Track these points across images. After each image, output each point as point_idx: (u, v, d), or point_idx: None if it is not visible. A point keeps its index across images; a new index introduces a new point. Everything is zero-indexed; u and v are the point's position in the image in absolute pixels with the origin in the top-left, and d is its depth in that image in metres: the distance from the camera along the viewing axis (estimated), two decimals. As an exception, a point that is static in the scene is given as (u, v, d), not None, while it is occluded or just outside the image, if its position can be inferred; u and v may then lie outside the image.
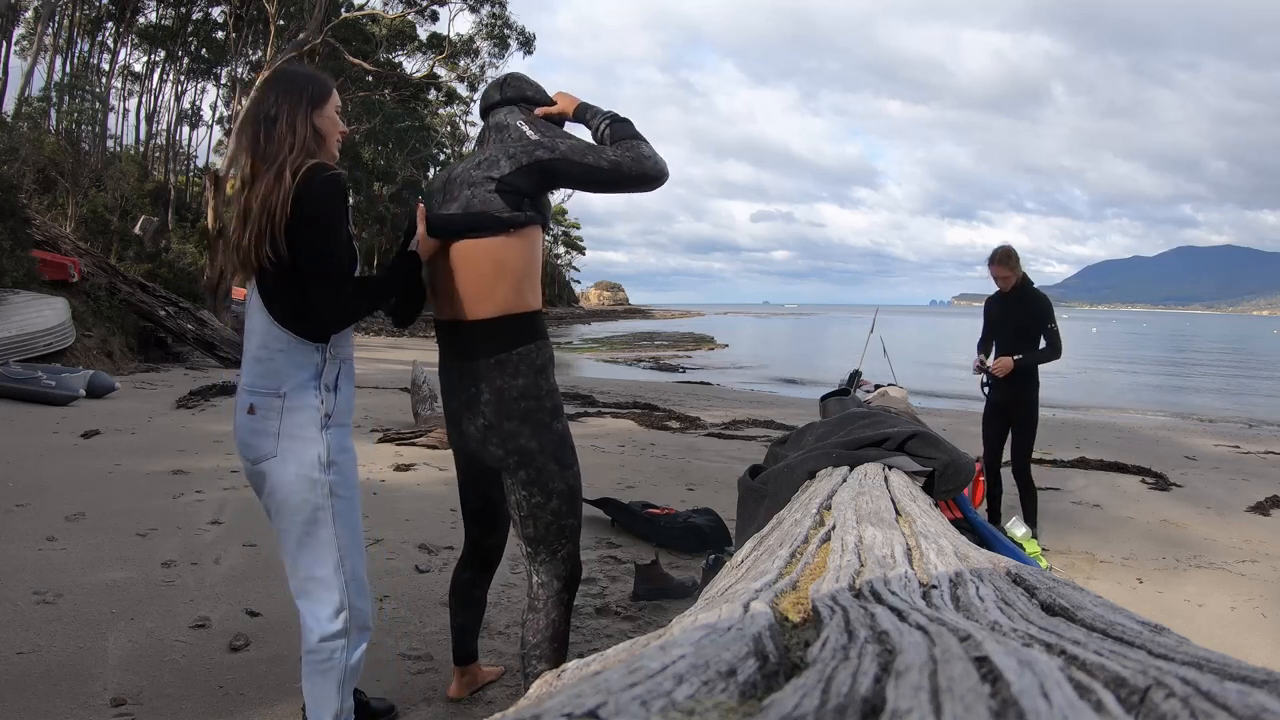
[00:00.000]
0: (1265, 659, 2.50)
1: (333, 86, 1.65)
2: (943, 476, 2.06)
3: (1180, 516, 4.42)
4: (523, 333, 1.66)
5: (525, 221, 1.64)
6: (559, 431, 1.72)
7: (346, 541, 1.59)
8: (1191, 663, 0.42)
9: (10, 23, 20.22)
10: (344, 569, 1.58)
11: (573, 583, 1.78)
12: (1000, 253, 3.84)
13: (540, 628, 1.73)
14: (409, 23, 26.14)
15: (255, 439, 1.54)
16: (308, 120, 1.55)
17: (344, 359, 1.60)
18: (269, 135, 1.52)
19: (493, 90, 1.83)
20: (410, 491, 4.20)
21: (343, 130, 1.65)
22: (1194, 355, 32.04)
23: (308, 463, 1.53)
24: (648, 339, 31.02)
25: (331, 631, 1.58)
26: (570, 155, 1.67)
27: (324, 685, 1.59)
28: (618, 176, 1.66)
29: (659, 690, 0.35)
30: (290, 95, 1.55)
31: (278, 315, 1.53)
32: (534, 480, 1.69)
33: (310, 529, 1.56)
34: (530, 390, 1.67)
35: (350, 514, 1.60)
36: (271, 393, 1.52)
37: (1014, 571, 0.82)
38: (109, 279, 10.85)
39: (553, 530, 1.73)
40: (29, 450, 4.56)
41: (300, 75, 1.63)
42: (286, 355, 1.53)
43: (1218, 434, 8.94)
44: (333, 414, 1.56)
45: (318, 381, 1.54)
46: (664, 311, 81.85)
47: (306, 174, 1.49)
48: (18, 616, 2.33)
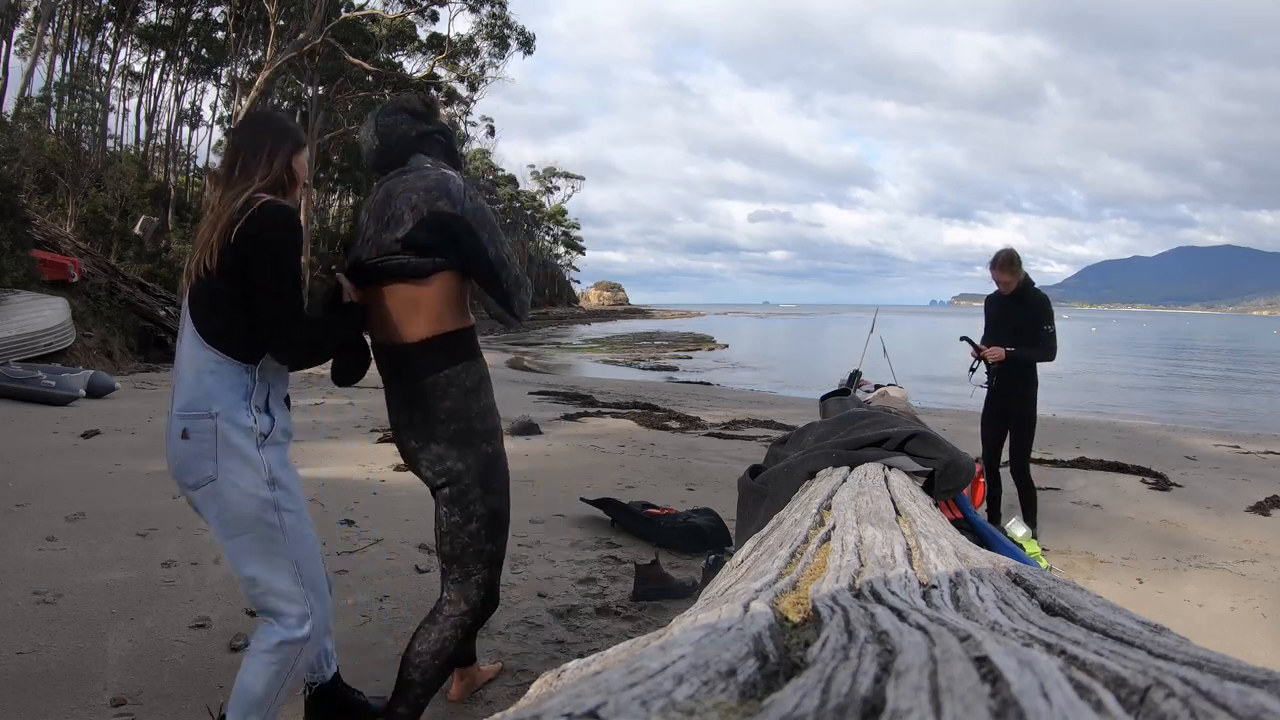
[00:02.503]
0: (1265, 659, 2.50)
1: (304, 138, 1.73)
2: (943, 476, 2.06)
3: (1180, 516, 4.42)
4: (445, 356, 1.64)
5: (433, 269, 1.62)
6: (488, 454, 1.69)
7: (302, 554, 1.60)
8: (1191, 663, 0.42)
9: (10, 23, 20.21)
10: (302, 578, 1.59)
11: (480, 610, 1.75)
12: (1002, 257, 3.84)
13: (430, 641, 1.70)
14: (409, 23, 26.14)
15: (193, 462, 1.53)
16: (286, 160, 1.62)
17: (274, 384, 1.60)
18: (245, 166, 1.59)
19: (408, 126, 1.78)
20: (410, 491, 4.19)
21: (306, 183, 1.72)
22: (1194, 355, 32.04)
23: (251, 481, 1.53)
24: (648, 339, 31.02)
25: (297, 637, 1.59)
26: (472, 223, 1.63)
27: (269, 685, 1.59)
28: (495, 273, 1.65)
29: (659, 690, 0.35)
30: (276, 134, 1.64)
31: (206, 335, 1.54)
32: (455, 499, 1.68)
33: (265, 545, 1.56)
34: (459, 412, 1.65)
35: (300, 528, 1.60)
36: (204, 414, 1.52)
37: (1014, 571, 0.82)
38: (109, 279, 10.86)
39: (468, 552, 1.70)
40: (29, 450, 4.56)
41: (284, 119, 1.74)
42: (216, 376, 1.53)
43: (1218, 434, 8.93)
44: (268, 434, 1.56)
45: (248, 402, 1.54)
46: (664, 311, 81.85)
47: (261, 208, 1.53)
48: (18, 616, 2.33)
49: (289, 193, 1.65)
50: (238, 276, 1.52)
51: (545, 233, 61.22)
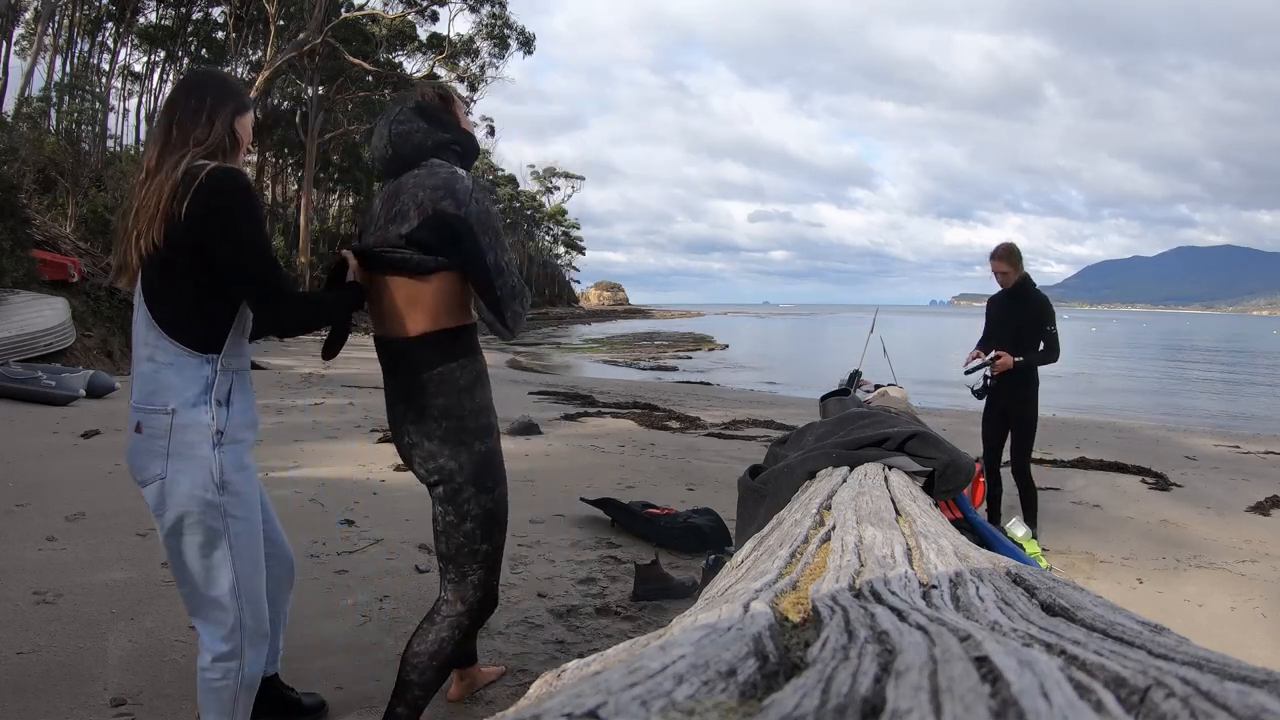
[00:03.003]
0: (1265, 659, 2.50)
1: (249, 98, 1.65)
2: (943, 476, 2.06)
3: (1180, 516, 4.42)
4: (440, 353, 1.63)
5: (434, 268, 1.61)
6: (481, 453, 1.67)
7: (245, 566, 1.53)
8: (1191, 663, 0.42)
9: (10, 23, 20.21)
10: (239, 590, 1.53)
11: (478, 610, 1.73)
12: (1003, 248, 3.86)
13: (428, 641, 1.69)
14: (409, 23, 26.15)
15: (144, 459, 1.46)
16: (229, 122, 1.52)
17: (237, 370, 1.52)
18: (182, 127, 1.48)
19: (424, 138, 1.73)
20: (410, 491, 4.19)
21: (251, 144, 1.63)
22: (1194, 355, 32.04)
23: (200, 483, 1.45)
24: (648, 339, 31.02)
25: (223, 652, 1.54)
26: (476, 225, 1.60)
27: (218, 704, 1.56)
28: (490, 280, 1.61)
29: (659, 690, 0.35)
30: (219, 94, 1.53)
31: (163, 324, 1.45)
32: (450, 499, 1.67)
33: (206, 551, 1.49)
34: (452, 410, 1.63)
35: (248, 538, 1.54)
36: (159, 409, 1.44)
37: (1014, 571, 0.82)
38: (109, 279, 10.86)
39: (464, 552, 1.69)
40: (29, 450, 4.56)
41: (229, 79, 1.65)
42: (174, 368, 1.45)
43: (1218, 434, 8.94)
44: (225, 430, 1.48)
45: (208, 396, 1.46)
46: (664, 311, 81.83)
47: (209, 174, 1.43)
48: (18, 616, 2.33)
49: (231, 156, 1.54)
50: (189, 254, 1.43)
51: (545, 233, 61.25)
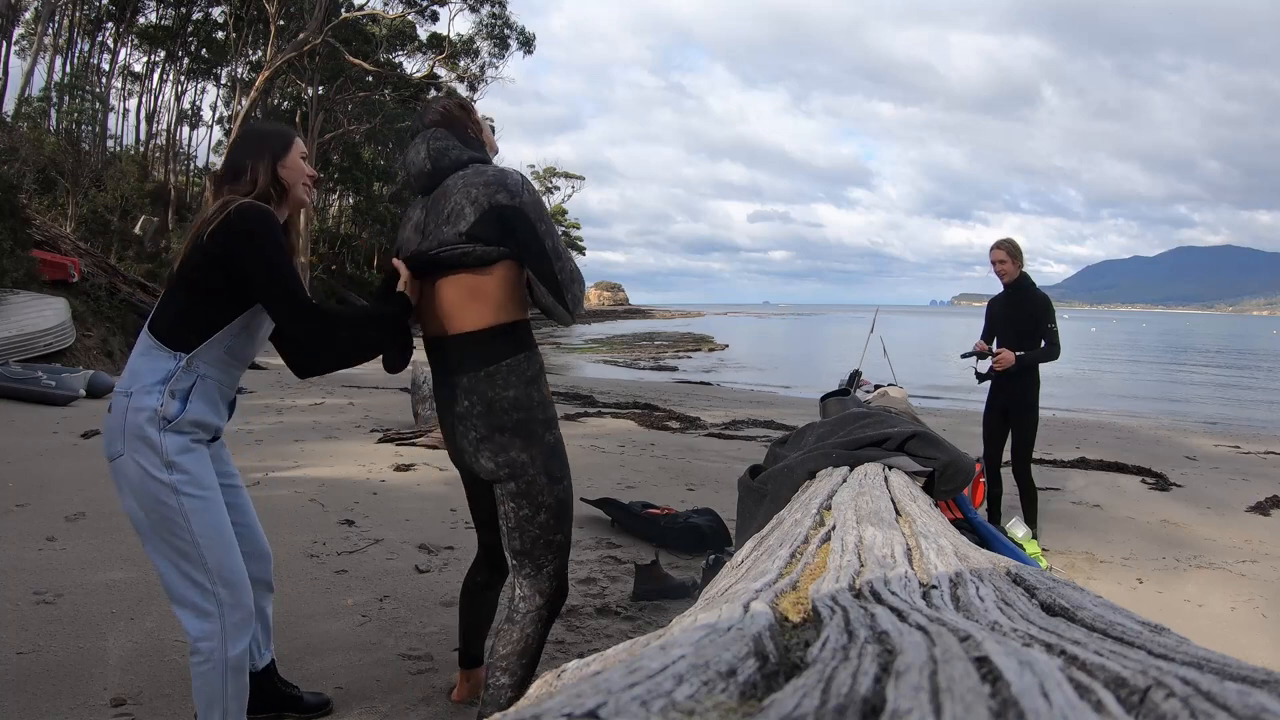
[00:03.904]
0: (1265, 659, 2.50)
1: (294, 136, 1.73)
2: (943, 476, 2.07)
3: (1180, 516, 4.42)
4: (508, 345, 1.66)
5: (497, 257, 1.63)
6: (550, 444, 1.70)
7: (209, 540, 1.60)
8: (1191, 663, 0.42)
9: (10, 23, 20.21)
10: (208, 566, 1.59)
11: (555, 600, 1.75)
12: (1005, 240, 3.89)
13: (513, 640, 1.70)
14: (409, 23, 26.14)
15: (109, 437, 1.58)
16: (269, 170, 1.65)
17: (204, 377, 1.61)
18: (233, 183, 1.64)
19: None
20: (410, 491, 4.20)
21: (310, 174, 1.73)
22: (1194, 355, 32.04)
23: (150, 462, 1.55)
24: (648, 339, 31.01)
25: (204, 631, 1.59)
26: (528, 212, 1.63)
27: (208, 685, 1.61)
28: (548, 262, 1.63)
29: (659, 690, 0.35)
30: (253, 150, 1.66)
31: (152, 322, 1.62)
32: (523, 493, 1.68)
33: (166, 527, 1.57)
34: (522, 401, 1.66)
35: (207, 512, 1.60)
36: (123, 392, 1.58)
37: (1014, 571, 0.82)
38: (109, 279, 10.86)
39: (539, 544, 1.70)
40: (29, 450, 4.56)
41: (260, 131, 1.76)
42: (145, 359, 1.58)
43: (1218, 434, 8.93)
44: (173, 420, 1.56)
45: (163, 386, 1.56)
46: (664, 312, 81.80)
47: (237, 209, 1.57)
48: (18, 616, 2.33)
49: (281, 202, 1.68)
50: (197, 269, 1.58)
51: (545, 233, 61.06)
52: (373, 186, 31.65)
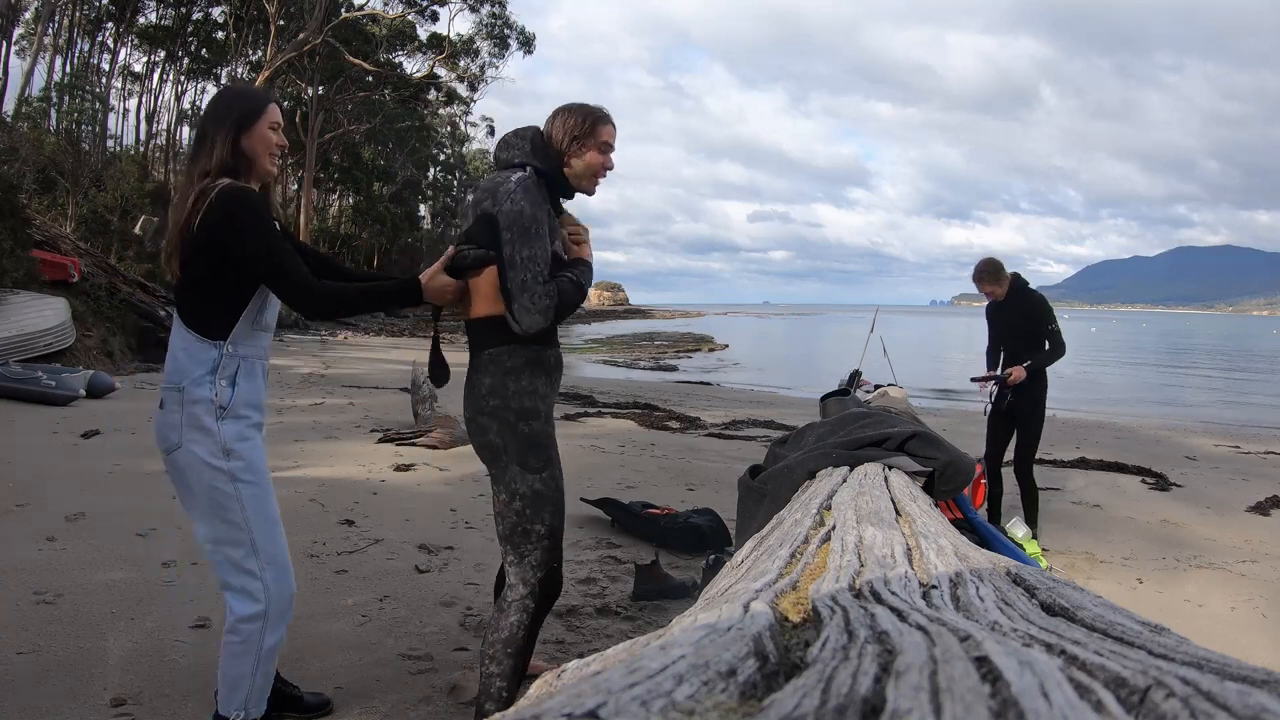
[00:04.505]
0: (1265, 659, 2.50)
1: (267, 104, 1.71)
2: (943, 476, 2.07)
3: (1180, 516, 4.42)
4: (495, 336, 1.75)
5: (472, 263, 1.74)
6: (525, 434, 1.74)
7: (260, 526, 1.67)
8: (1191, 663, 0.42)
9: (10, 23, 20.21)
10: (260, 552, 1.67)
11: (540, 593, 1.77)
12: (983, 270, 3.84)
13: (499, 628, 1.75)
14: (409, 23, 26.15)
15: (165, 431, 1.64)
16: (228, 142, 1.64)
17: (245, 357, 1.68)
18: (197, 151, 1.67)
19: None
20: (410, 491, 4.20)
21: (279, 144, 1.72)
22: (1194, 355, 32.04)
23: (208, 450, 1.62)
24: (648, 339, 31.00)
25: (249, 614, 1.66)
26: (504, 228, 1.70)
27: (238, 666, 1.67)
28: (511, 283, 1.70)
29: (659, 690, 0.35)
30: (217, 117, 1.66)
31: (183, 316, 1.66)
32: (499, 479, 1.76)
33: (221, 514, 1.64)
34: (497, 389, 1.74)
35: (261, 499, 1.68)
36: (174, 387, 1.64)
37: (1014, 571, 0.82)
38: (109, 279, 10.86)
39: (517, 533, 1.75)
40: (29, 450, 4.56)
41: (230, 97, 1.76)
42: (188, 352, 1.64)
43: (1218, 434, 8.94)
44: (228, 406, 1.64)
45: (213, 376, 1.63)
46: (664, 312, 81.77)
47: (217, 194, 1.59)
48: (18, 616, 2.33)
49: (247, 173, 1.67)
50: (204, 261, 1.62)
51: (545, 233, 61.01)
52: (373, 186, 31.65)
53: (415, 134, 32.33)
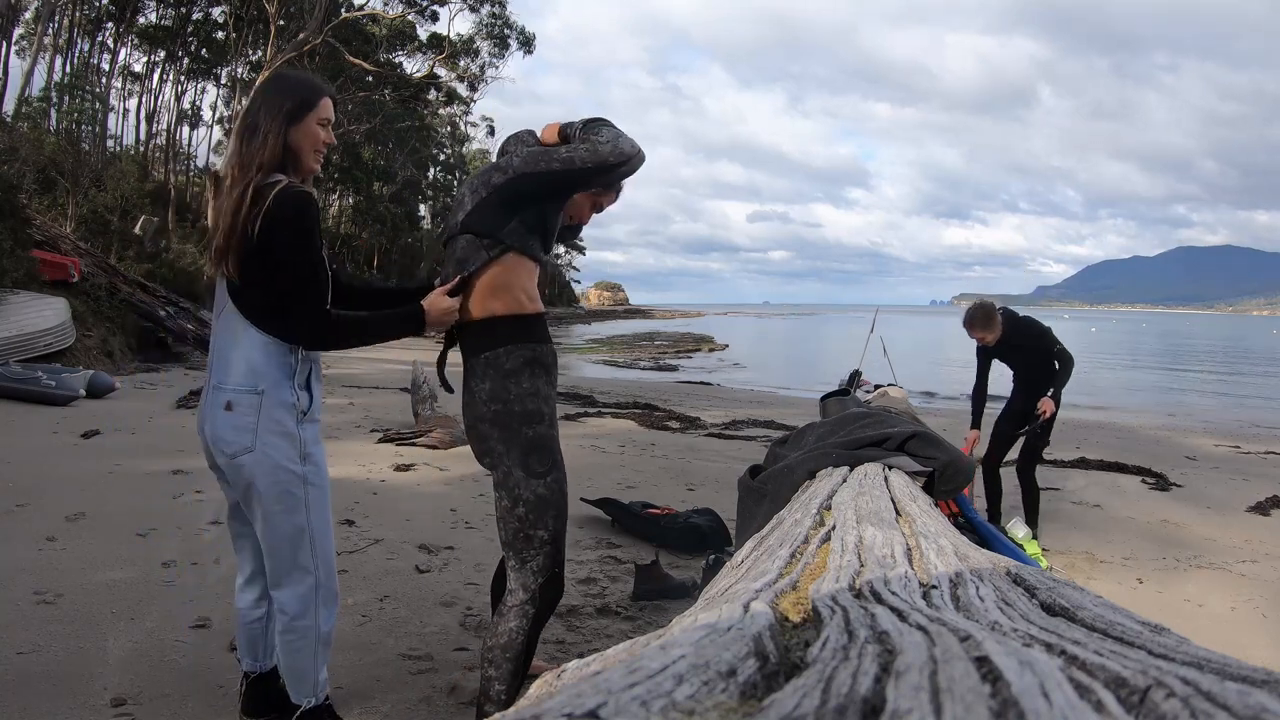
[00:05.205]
0: (1265, 659, 2.50)
1: (320, 97, 1.66)
2: (943, 476, 2.07)
3: (1180, 516, 4.42)
4: (488, 338, 1.71)
5: (492, 257, 1.70)
6: (529, 438, 1.70)
7: (319, 528, 1.70)
8: (1191, 663, 0.42)
9: (10, 23, 20.20)
10: (316, 552, 1.70)
11: (541, 599, 1.74)
12: (975, 317, 3.82)
13: (499, 633, 1.72)
14: (409, 23, 26.13)
15: (233, 434, 1.60)
16: (281, 135, 1.59)
17: (314, 360, 1.69)
18: (248, 144, 1.59)
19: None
20: (410, 491, 4.20)
21: (326, 141, 1.68)
22: (1194, 355, 32.03)
23: (286, 455, 1.62)
24: (648, 339, 31.00)
25: (299, 612, 1.70)
26: (524, 168, 1.69)
27: (299, 660, 1.71)
28: (575, 172, 1.68)
29: (659, 690, 0.35)
30: (271, 107, 1.60)
31: (250, 316, 1.61)
32: (501, 484, 1.72)
33: (290, 518, 1.65)
34: (497, 393, 1.69)
35: (322, 501, 1.71)
36: (250, 390, 1.60)
37: (1014, 571, 0.82)
38: (109, 279, 10.85)
39: (519, 538, 1.72)
40: (29, 450, 4.56)
41: (286, 86, 1.66)
42: (264, 355, 1.60)
43: (1218, 434, 8.94)
44: (308, 411, 1.66)
45: (292, 381, 1.62)
46: (664, 312, 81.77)
47: (275, 197, 1.53)
48: (18, 616, 2.33)
49: (294, 169, 1.62)
50: (261, 263, 1.57)
51: (545, 233, 61.00)
52: (373, 186, 31.64)
53: (415, 134, 32.34)
